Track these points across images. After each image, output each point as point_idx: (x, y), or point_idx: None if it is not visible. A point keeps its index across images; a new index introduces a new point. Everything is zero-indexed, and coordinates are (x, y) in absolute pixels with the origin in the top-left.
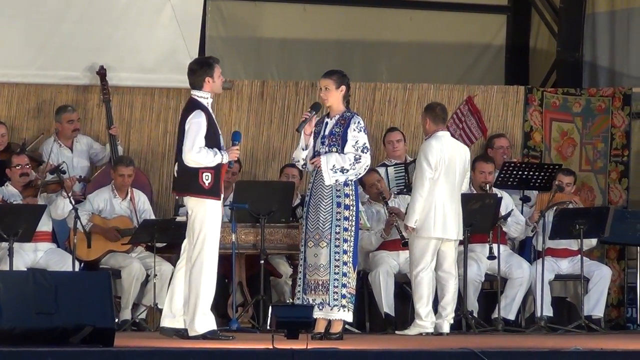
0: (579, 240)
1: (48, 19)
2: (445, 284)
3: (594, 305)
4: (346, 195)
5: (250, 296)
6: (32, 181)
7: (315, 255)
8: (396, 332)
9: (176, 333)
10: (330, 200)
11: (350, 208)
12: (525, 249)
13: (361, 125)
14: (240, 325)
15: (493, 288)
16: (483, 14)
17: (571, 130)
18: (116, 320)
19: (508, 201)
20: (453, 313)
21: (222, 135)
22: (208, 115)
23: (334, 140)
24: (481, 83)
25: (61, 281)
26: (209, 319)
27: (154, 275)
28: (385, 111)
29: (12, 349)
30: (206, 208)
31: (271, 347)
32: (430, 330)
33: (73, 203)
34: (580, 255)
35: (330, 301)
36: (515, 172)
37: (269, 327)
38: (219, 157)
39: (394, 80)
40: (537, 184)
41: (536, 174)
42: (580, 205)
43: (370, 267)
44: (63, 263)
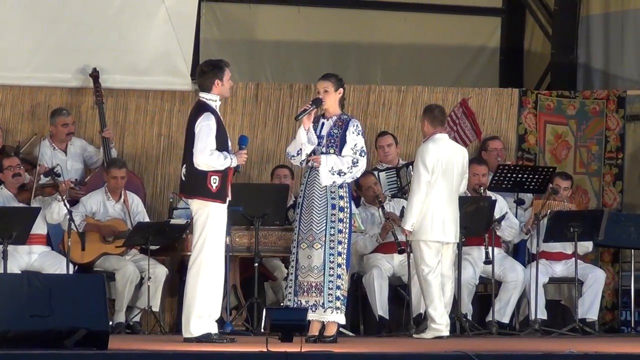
0: (574, 244)
1: (42, 21)
2: (442, 287)
3: (588, 308)
4: (340, 197)
5: (244, 299)
6: (27, 184)
7: (309, 256)
8: (413, 336)
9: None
10: (324, 202)
11: (345, 210)
12: (519, 252)
13: (359, 129)
14: (234, 328)
15: (487, 291)
16: (477, 17)
17: (565, 133)
18: (110, 323)
19: (502, 204)
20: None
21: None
22: (217, 118)
23: (332, 141)
24: (475, 85)
25: (55, 284)
26: (205, 322)
27: (148, 277)
28: (379, 114)
29: (6, 352)
30: (209, 211)
31: (265, 350)
32: (446, 333)
33: (68, 206)
34: (574, 258)
35: (324, 303)
36: (509, 175)
37: (263, 330)
38: (228, 161)
39: (389, 83)
40: (532, 187)
41: (530, 176)
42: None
43: (364, 270)
44: (57, 266)
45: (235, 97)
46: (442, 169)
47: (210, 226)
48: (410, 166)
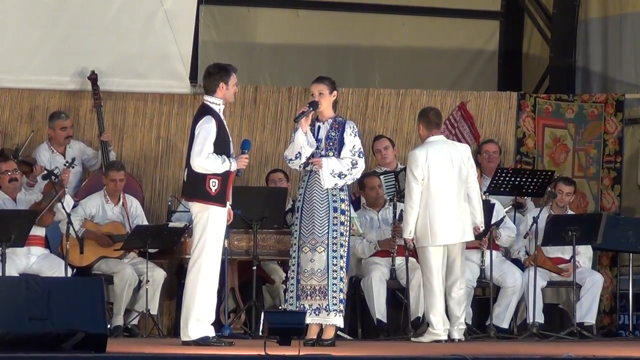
0: (572, 249)
1: (41, 24)
2: (452, 286)
3: (586, 312)
4: (342, 200)
5: (242, 302)
6: (38, 203)
7: (312, 260)
8: (411, 339)
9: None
10: (326, 205)
11: (345, 213)
12: None
13: (356, 130)
14: (232, 331)
15: (486, 294)
16: (476, 20)
17: (564, 137)
18: (108, 326)
19: (499, 208)
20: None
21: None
22: (219, 121)
23: (331, 144)
24: (474, 89)
25: (54, 287)
26: (203, 325)
27: (147, 281)
28: (377, 117)
29: (5, 355)
30: (209, 214)
31: (263, 354)
32: (444, 338)
33: (66, 209)
34: (572, 262)
35: (329, 306)
36: (508, 178)
37: (261, 334)
38: (227, 165)
39: (387, 86)
40: (530, 190)
41: (529, 180)
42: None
43: (362, 274)
44: (56, 269)
45: (234, 100)
46: (436, 171)
47: (210, 229)
48: None
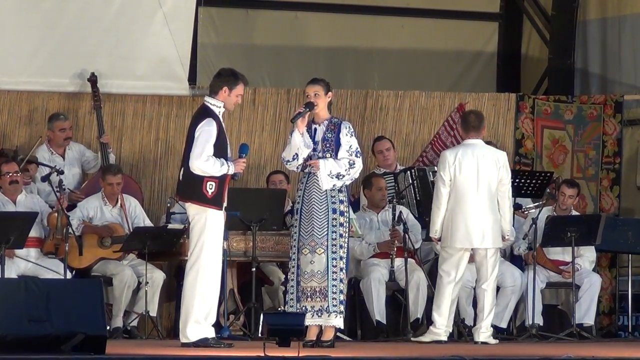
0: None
1: (40, 26)
2: (480, 293)
3: (585, 313)
4: (341, 202)
5: (241, 304)
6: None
7: (312, 262)
8: (412, 338)
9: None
10: (325, 207)
11: (345, 214)
12: (516, 256)
13: (351, 130)
14: (231, 333)
15: None
16: (475, 21)
17: (563, 138)
18: (108, 327)
19: None
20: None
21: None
22: (219, 124)
23: (328, 146)
24: (473, 90)
25: (53, 289)
26: (202, 327)
27: (146, 282)
28: (376, 118)
29: (4, 357)
30: (207, 217)
31: (263, 355)
32: (444, 338)
33: (65, 212)
34: (572, 263)
35: (329, 307)
36: None
37: (260, 335)
38: (225, 168)
39: (386, 88)
40: (529, 192)
41: (528, 181)
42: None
43: (361, 275)
44: (55, 270)
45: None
46: (463, 174)
47: (208, 232)
48: (408, 172)
